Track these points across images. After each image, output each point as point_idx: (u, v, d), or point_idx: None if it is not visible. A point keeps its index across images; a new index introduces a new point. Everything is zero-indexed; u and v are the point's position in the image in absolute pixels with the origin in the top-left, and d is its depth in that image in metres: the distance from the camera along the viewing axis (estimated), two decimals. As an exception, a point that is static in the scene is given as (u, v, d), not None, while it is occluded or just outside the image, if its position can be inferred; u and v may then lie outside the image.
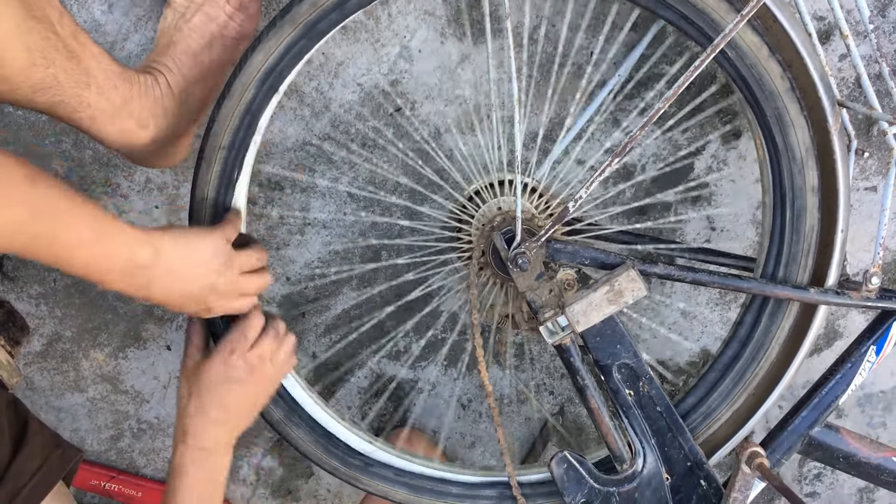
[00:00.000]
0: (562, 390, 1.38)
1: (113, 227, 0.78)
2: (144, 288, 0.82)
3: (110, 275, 0.79)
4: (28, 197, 0.68)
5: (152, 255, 0.81)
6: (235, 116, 0.95)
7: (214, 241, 0.90)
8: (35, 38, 0.74)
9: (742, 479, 1.04)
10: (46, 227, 0.70)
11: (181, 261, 0.85)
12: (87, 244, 0.75)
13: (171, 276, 0.84)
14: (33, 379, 1.34)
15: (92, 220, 0.75)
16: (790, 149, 0.96)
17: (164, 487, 0.97)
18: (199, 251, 0.88)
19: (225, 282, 0.90)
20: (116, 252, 0.78)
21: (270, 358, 0.98)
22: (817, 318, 1.02)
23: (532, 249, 0.98)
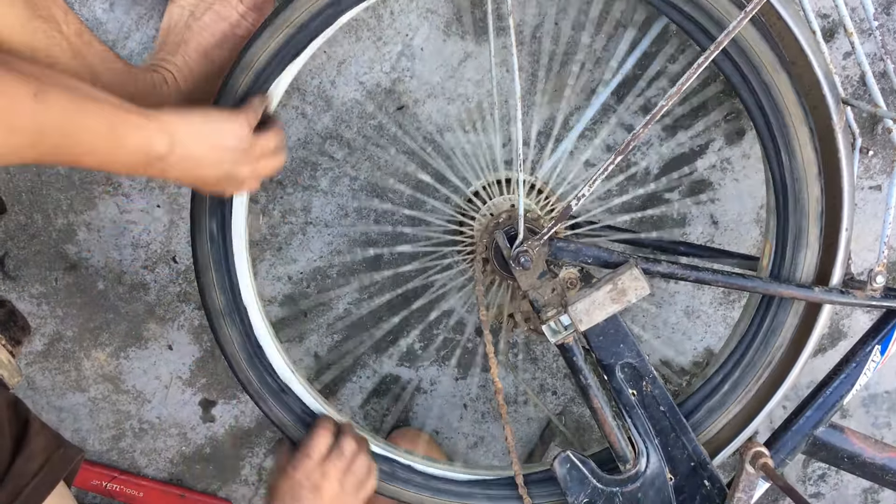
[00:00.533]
0: (565, 390, 1.37)
1: (126, 122, 0.75)
2: (161, 173, 0.80)
3: (125, 169, 0.77)
4: (36, 117, 0.67)
5: (168, 143, 0.79)
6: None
7: (236, 129, 0.87)
8: (40, 38, 0.74)
9: (746, 480, 1.03)
10: (57, 141, 0.69)
11: (199, 147, 0.82)
12: (100, 146, 0.73)
13: (187, 162, 0.82)
14: (35, 379, 1.34)
15: (105, 120, 0.73)
16: (791, 146, 0.96)
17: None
18: (218, 139, 0.85)
19: (244, 168, 0.88)
20: (131, 148, 0.76)
21: (338, 478, 0.99)
22: (822, 317, 1.01)
23: (534, 248, 0.98)
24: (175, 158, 0.80)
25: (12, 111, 0.65)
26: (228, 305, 1.03)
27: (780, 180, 0.98)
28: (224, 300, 1.03)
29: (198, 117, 0.83)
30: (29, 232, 1.22)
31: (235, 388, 1.36)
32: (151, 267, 1.26)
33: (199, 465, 1.43)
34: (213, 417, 1.39)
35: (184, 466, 1.43)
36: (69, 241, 1.23)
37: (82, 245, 1.24)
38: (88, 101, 0.71)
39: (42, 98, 0.67)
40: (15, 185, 1.18)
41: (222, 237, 1.00)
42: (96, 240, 1.23)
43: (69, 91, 0.70)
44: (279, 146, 0.94)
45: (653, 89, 1.15)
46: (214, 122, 0.85)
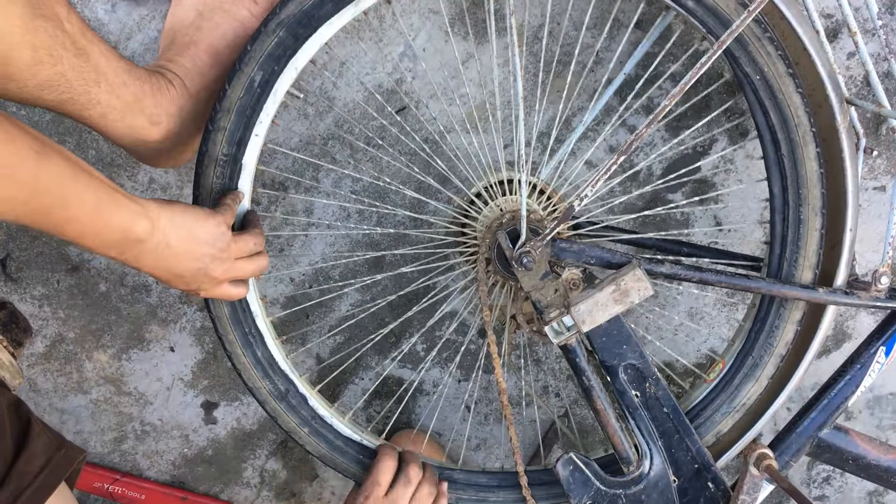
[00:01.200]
0: (568, 392, 1.37)
1: (113, 201, 0.76)
2: (134, 259, 0.81)
3: (103, 247, 0.78)
4: (34, 174, 0.68)
5: (148, 229, 0.80)
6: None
7: (213, 227, 0.88)
8: (42, 36, 0.73)
9: (750, 482, 1.03)
10: (48, 202, 0.70)
11: (176, 240, 0.84)
12: (85, 218, 0.74)
13: (164, 252, 0.83)
14: (36, 381, 1.34)
15: (93, 194, 0.74)
16: (794, 146, 0.95)
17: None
18: (195, 234, 0.86)
19: (218, 267, 0.89)
20: (113, 226, 0.77)
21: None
22: (826, 318, 1.01)
23: (537, 248, 0.97)
24: (152, 245, 0.82)
25: (15, 161, 0.67)
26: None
27: (783, 178, 0.98)
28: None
29: (178, 209, 0.85)
30: (31, 233, 1.22)
31: (237, 389, 1.36)
32: (153, 268, 1.26)
33: (201, 468, 1.42)
34: (214, 419, 1.38)
35: (186, 468, 1.42)
36: (70, 243, 1.23)
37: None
38: (83, 171, 0.74)
39: (44, 157, 0.69)
40: (17, 187, 1.18)
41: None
42: (98, 241, 1.23)
43: (67, 158, 0.72)
44: (259, 245, 0.96)
45: (655, 89, 1.15)
46: (193, 215, 0.87)
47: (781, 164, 0.97)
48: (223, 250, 0.89)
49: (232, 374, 1.34)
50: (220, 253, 0.89)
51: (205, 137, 0.96)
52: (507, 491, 1.12)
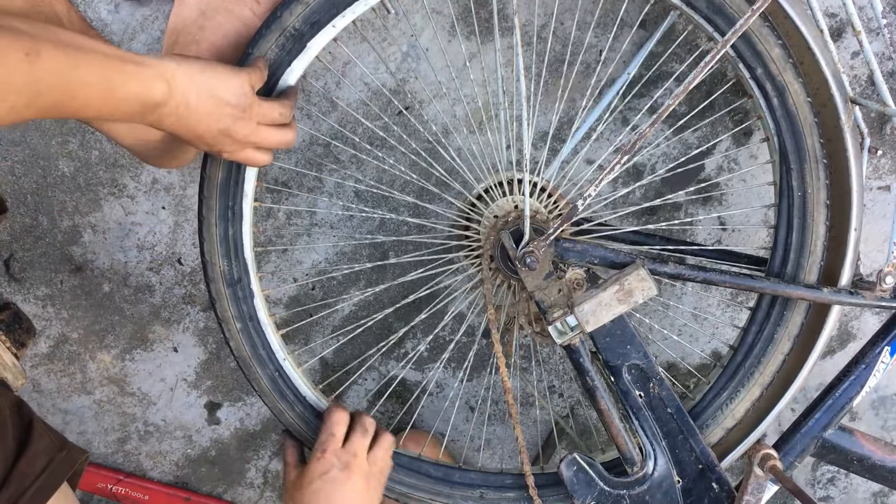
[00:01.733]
0: (571, 392, 1.37)
1: (122, 74, 0.73)
2: (156, 123, 0.79)
3: (124, 117, 0.75)
4: (30, 76, 0.65)
5: (165, 91, 0.77)
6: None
7: (235, 84, 0.84)
8: None
9: (755, 482, 1.02)
10: (53, 100, 0.68)
11: (196, 98, 0.80)
12: (96, 101, 0.72)
13: (184, 112, 0.80)
14: (40, 381, 1.34)
15: (99, 74, 0.71)
16: (801, 146, 0.95)
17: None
18: (216, 92, 0.82)
19: (241, 128, 0.86)
20: (129, 99, 0.74)
21: (365, 454, 0.99)
22: (830, 318, 1.01)
23: (540, 248, 0.97)
24: (172, 107, 0.78)
25: (4, 71, 0.64)
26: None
27: (788, 178, 0.97)
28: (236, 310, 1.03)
29: (197, 67, 0.81)
30: (34, 234, 1.22)
31: (241, 390, 1.36)
32: (157, 269, 1.26)
33: (205, 468, 1.42)
34: (218, 420, 1.38)
35: (189, 469, 1.42)
36: (74, 242, 1.23)
37: (87, 247, 1.24)
38: (82, 53, 0.70)
39: (34, 57, 0.66)
40: (20, 187, 1.18)
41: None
42: (101, 242, 1.23)
43: (62, 46, 0.68)
44: (284, 117, 0.91)
45: (659, 89, 1.15)
46: (214, 73, 0.83)
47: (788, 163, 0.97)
48: (245, 110, 0.85)
49: (235, 374, 1.34)
50: (242, 113, 0.85)
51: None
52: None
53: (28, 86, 0.65)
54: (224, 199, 0.97)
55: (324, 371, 1.33)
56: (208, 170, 0.96)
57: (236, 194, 0.97)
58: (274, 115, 0.89)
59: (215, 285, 1.00)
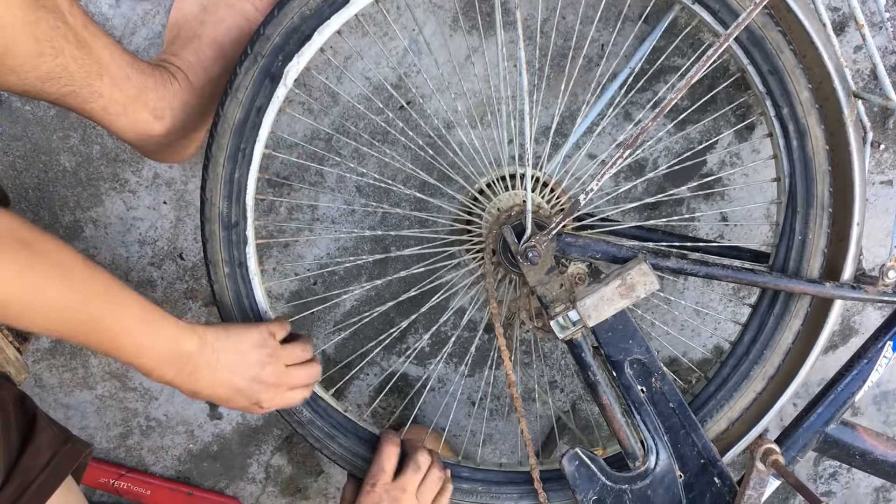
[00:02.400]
0: (573, 387, 1.37)
1: (159, 315, 0.80)
2: (192, 377, 0.84)
3: (158, 361, 0.81)
4: (86, 281, 0.72)
5: (198, 343, 0.84)
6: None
7: (258, 333, 0.92)
8: (43, 28, 0.73)
9: (757, 477, 1.02)
10: (97, 313, 0.73)
11: (226, 350, 0.88)
12: (134, 330, 0.77)
13: (217, 366, 0.87)
14: (42, 376, 1.34)
15: (140, 308, 0.78)
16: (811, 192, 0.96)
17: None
18: (243, 341, 0.90)
19: (271, 373, 0.92)
20: (162, 339, 0.80)
21: (416, 490, 1.02)
22: (833, 313, 1.01)
23: (542, 243, 0.97)
24: (204, 360, 0.85)
25: (71, 267, 0.71)
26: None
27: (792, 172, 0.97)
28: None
29: (223, 326, 0.91)
30: (36, 229, 1.22)
31: (242, 385, 1.36)
32: (158, 264, 1.26)
33: (207, 463, 1.43)
34: (220, 415, 1.38)
35: (191, 464, 1.43)
36: (76, 237, 1.23)
37: (89, 242, 1.24)
38: (125, 286, 0.78)
39: (91, 268, 0.74)
40: (22, 182, 1.18)
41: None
42: (103, 237, 1.23)
43: (109, 274, 0.76)
44: (307, 352, 0.99)
45: (661, 83, 1.15)
46: (238, 328, 0.92)
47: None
48: (271, 355, 0.92)
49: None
50: (268, 358, 0.92)
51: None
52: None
53: (82, 289, 0.72)
54: (237, 139, 0.95)
55: (325, 365, 1.33)
56: (225, 108, 0.94)
57: (251, 137, 0.95)
58: (298, 354, 0.97)
59: (210, 225, 0.98)
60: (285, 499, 1.46)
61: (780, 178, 0.99)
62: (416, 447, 1.06)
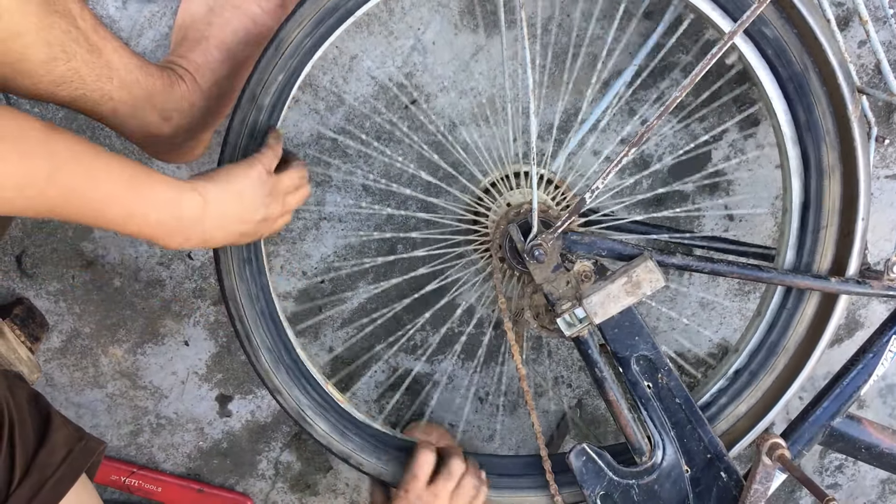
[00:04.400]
0: (580, 383, 1.37)
1: (149, 176, 0.73)
2: (203, 237, 0.80)
3: (158, 230, 0.74)
4: (46, 147, 0.64)
5: (200, 203, 0.78)
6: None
7: (257, 173, 0.87)
8: (56, 33, 0.74)
9: (763, 471, 1.03)
10: (73, 180, 0.66)
11: (230, 201, 0.83)
12: (122, 197, 0.70)
13: (225, 219, 0.82)
14: (53, 375, 1.35)
15: (122, 170, 0.70)
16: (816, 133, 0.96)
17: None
18: (245, 187, 0.85)
19: (275, 209, 0.89)
20: (158, 203, 0.73)
21: (448, 499, 1.02)
22: (838, 307, 1.01)
23: (548, 241, 0.98)
24: (211, 218, 0.80)
25: (21, 134, 0.63)
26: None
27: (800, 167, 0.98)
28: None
29: (221, 176, 0.83)
30: (45, 230, 1.24)
31: (252, 383, 1.37)
32: (167, 263, 1.27)
33: (217, 460, 1.44)
34: (229, 412, 1.39)
35: (201, 461, 1.44)
36: (85, 238, 1.24)
37: (98, 242, 1.25)
38: (102, 148, 0.70)
39: (51, 132, 0.65)
40: (32, 184, 1.19)
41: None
42: (112, 237, 1.24)
43: (79, 138, 0.68)
44: (303, 178, 0.96)
45: (665, 80, 1.15)
46: (236, 175, 0.85)
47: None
48: (271, 192, 0.88)
49: (246, 367, 1.35)
50: (269, 197, 0.88)
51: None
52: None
53: (44, 155, 0.64)
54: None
55: (334, 364, 1.34)
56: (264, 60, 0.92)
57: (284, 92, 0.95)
58: (295, 182, 0.93)
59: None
60: (295, 495, 1.48)
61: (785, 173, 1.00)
62: (452, 454, 1.06)
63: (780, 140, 0.99)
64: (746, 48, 0.95)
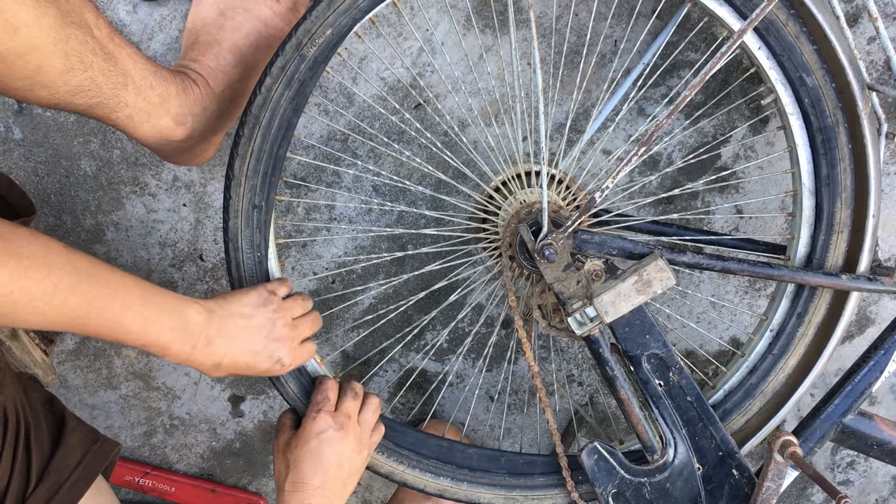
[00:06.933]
0: (591, 381, 1.38)
1: (157, 290, 0.80)
2: (208, 349, 0.85)
3: (168, 337, 0.80)
4: (69, 261, 0.71)
5: (202, 311, 0.84)
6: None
7: (258, 293, 0.93)
8: (73, 44, 0.75)
9: (775, 468, 1.03)
10: (94, 291, 0.72)
11: (232, 316, 0.88)
12: (136, 307, 0.77)
13: (229, 333, 0.87)
14: (67, 377, 1.36)
15: (136, 285, 0.78)
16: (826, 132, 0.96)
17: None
18: (246, 304, 0.91)
19: (282, 327, 0.93)
20: (167, 311, 0.80)
21: (357, 417, 1.02)
22: (849, 304, 1.01)
23: (559, 240, 0.98)
24: (215, 327, 0.85)
25: (47, 250, 0.69)
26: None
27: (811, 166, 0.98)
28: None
29: (221, 294, 0.91)
30: (58, 233, 1.24)
31: (263, 383, 1.38)
32: (179, 265, 1.28)
33: (230, 460, 1.45)
34: (241, 413, 1.40)
35: (214, 461, 1.45)
36: (98, 241, 1.25)
37: (111, 245, 1.26)
38: (115, 267, 0.77)
39: (72, 251, 0.72)
40: (44, 188, 1.20)
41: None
42: (124, 239, 1.25)
43: (96, 258, 0.75)
44: (308, 303, 0.99)
45: (675, 79, 1.15)
46: (239, 293, 0.92)
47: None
48: (277, 311, 0.93)
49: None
50: (275, 314, 0.92)
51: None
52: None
53: (68, 269, 0.71)
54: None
55: (344, 362, 1.34)
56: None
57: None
58: (300, 305, 0.98)
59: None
60: (307, 494, 1.48)
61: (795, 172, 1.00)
62: (348, 379, 1.06)
63: (791, 144, 0.99)
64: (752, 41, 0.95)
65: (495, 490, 1.11)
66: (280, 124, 0.94)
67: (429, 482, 1.10)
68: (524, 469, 1.12)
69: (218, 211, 1.22)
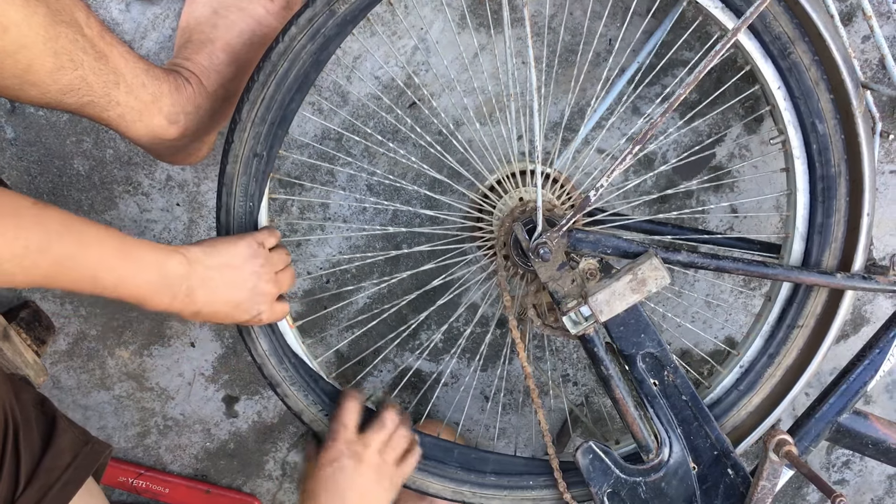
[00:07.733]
0: (585, 381, 1.37)
1: (135, 244, 0.78)
2: (189, 299, 0.82)
3: (146, 289, 0.78)
4: (38, 220, 0.68)
5: (184, 262, 0.82)
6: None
7: (248, 244, 0.90)
8: (63, 43, 0.75)
9: (770, 468, 1.03)
10: (66, 249, 0.70)
11: (219, 266, 0.86)
12: (112, 262, 0.75)
13: (212, 283, 0.85)
14: (60, 378, 1.35)
15: (112, 239, 0.75)
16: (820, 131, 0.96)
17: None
18: (236, 255, 0.88)
19: (267, 281, 0.91)
20: (144, 265, 0.78)
21: (379, 449, 1.00)
22: (844, 303, 1.01)
23: (553, 239, 0.98)
24: (197, 278, 0.83)
25: (14, 211, 0.66)
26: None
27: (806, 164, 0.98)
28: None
29: (207, 242, 0.88)
30: (51, 233, 1.24)
31: (258, 383, 1.37)
32: (172, 265, 1.27)
33: (224, 461, 1.44)
34: (236, 413, 1.40)
35: (208, 462, 1.44)
36: (91, 241, 1.25)
37: (104, 245, 1.25)
38: (89, 220, 0.74)
39: (42, 207, 0.69)
40: (37, 187, 1.20)
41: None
42: (118, 239, 1.25)
43: (68, 212, 0.72)
44: (289, 257, 0.98)
45: (670, 77, 1.15)
46: (224, 242, 0.89)
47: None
48: (264, 265, 0.91)
49: (252, 368, 1.35)
50: (262, 268, 0.91)
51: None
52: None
53: (37, 227, 0.68)
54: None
55: (339, 362, 1.34)
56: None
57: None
58: (283, 258, 0.96)
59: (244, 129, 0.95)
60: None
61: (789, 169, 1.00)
62: (389, 407, 1.05)
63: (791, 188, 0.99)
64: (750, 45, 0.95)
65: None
66: (297, 76, 0.92)
67: (430, 484, 1.10)
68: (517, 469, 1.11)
69: (211, 211, 1.22)
